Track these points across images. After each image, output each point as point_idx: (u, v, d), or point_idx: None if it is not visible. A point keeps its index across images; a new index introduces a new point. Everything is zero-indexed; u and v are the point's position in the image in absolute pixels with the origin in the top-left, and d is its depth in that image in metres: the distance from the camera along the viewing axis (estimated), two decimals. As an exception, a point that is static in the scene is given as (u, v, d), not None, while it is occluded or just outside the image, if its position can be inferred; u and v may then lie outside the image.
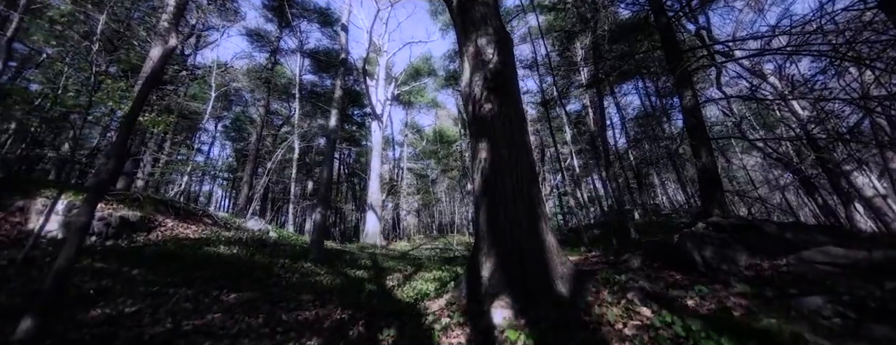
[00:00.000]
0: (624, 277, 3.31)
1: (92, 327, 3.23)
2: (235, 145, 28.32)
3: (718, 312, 2.63)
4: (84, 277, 4.51)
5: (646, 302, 2.74)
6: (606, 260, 4.77)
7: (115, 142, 2.94)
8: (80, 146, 13.64)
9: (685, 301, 2.86)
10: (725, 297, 2.92)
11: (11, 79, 10.47)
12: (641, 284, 3.01)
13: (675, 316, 2.46)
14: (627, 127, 20.05)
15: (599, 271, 3.65)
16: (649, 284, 3.11)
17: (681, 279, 3.57)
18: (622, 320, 2.58)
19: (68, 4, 6.45)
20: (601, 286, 3.14)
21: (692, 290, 3.16)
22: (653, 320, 2.50)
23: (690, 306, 2.77)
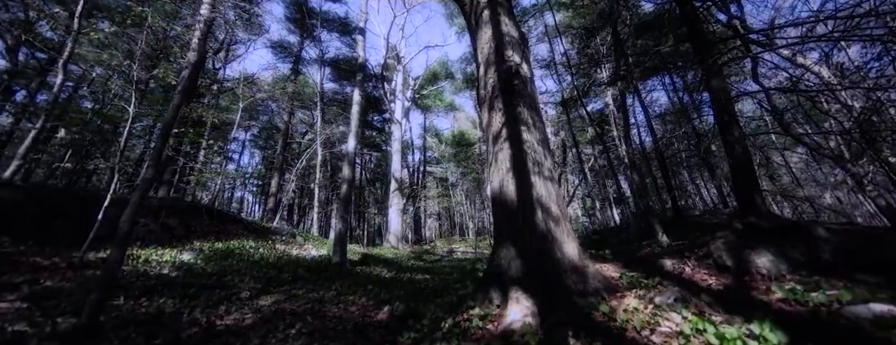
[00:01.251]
0: (652, 280, 3.17)
1: (137, 325, 3.46)
2: (263, 153, 29.65)
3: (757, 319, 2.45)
4: (131, 278, 4.86)
5: (675, 307, 2.60)
6: (633, 263, 4.58)
7: (152, 152, 3.17)
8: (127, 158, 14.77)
9: (719, 307, 2.69)
10: (765, 303, 2.72)
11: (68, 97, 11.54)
12: (671, 288, 2.86)
13: (707, 323, 2.31)
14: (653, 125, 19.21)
15: (625, 274, 3.51)
16: (679, 288, 2.95)
17: (714, 284, 3.37)
18: (649, 326, 2.46)
19: (112, 27, 7.09)
20: (627, 290, 3.02)
21: (727, 295, 2.96)
22: (682, 326, 2.37)
23: (724, 312, 2.60)
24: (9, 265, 4.71)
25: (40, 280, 4.50)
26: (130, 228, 2.90)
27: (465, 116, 32.00)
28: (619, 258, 5.81)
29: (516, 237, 3.16)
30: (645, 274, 3.46)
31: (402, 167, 20.80)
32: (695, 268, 3.75)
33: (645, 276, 3.35)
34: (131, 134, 8.98)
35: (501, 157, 3.60)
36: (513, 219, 3.27)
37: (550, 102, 21.63)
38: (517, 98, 3.79)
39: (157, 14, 8.15)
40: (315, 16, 19.26)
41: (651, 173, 18.97)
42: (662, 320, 2.49)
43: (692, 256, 4.32)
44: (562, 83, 17.45)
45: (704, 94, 15.03)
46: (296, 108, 20.49)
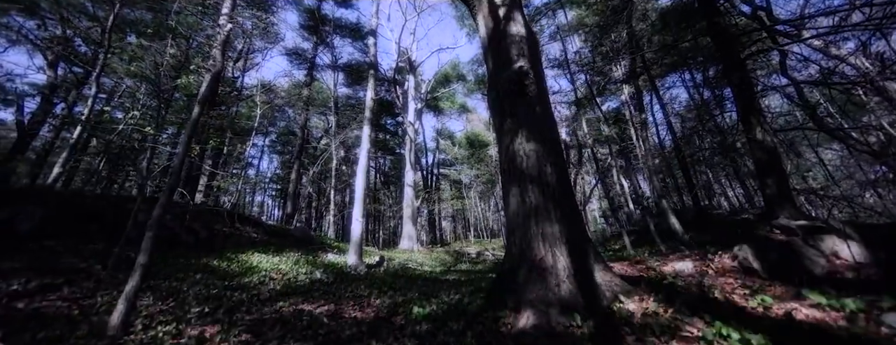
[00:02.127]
0: (672, 283, 3.06)
1: (164, 325, 3.63)
2: (281, 158, 30.49)
3: (785, 325, 2.33)
4: (159, 280, 5.09)
5: (697, 312, 2.50)
6: (652, 265, 4.44)
7: (176, 159, 3.33)
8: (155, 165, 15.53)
9: (744, 312, 2.57)
10: (794, 308, 2.57)
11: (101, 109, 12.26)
12: (692, 291, 2.76)
13: (731, 329, 2.22)
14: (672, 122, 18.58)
15: (644, 277, 3.41)
16: (701, 291, 2.84)
17: (739, 287, 3.22)
18: (669, 331, 2.38)
19: (139, 40, 7.53)
20: (645, 293, 2.93)
21: (753, 299, 2.83)
22: (705, 332, 2.28)
23: (751, 318, 2.48)
24: (51, 267, 5.02)
25: (78, 281, 4.78)
26: (156, 232, 3.05)
27: (477, 118, 31.95)
28: (637, 260, 5.64)
29: (527, 240, 3.12)
30: (664, 277, 3.34)
31: (416, 170, 20.94)
32: (718, 270, 3.60)
33: (665, 278, 3.24)
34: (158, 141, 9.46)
35: (512, 159, 3.57)
36: (524, 221, 3.23)
37: (564, 101, 21.31)
38: (527, 99, 3.76)
39: (179, 26, 8.59)
40: (328, 22, 19.74)
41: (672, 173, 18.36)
42: (683, 324, 2.40)
43: (715, 257, 4.15)
44: (575, 82, 17.16)
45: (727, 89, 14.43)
46: (311, 113, 21.01)
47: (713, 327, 2.27)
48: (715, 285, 3.22)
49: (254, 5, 13.24)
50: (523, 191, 3.33)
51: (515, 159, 3.57)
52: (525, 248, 3.08)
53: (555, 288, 2.72)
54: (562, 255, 2.86)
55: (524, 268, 2.99)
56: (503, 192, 3.75)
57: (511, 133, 3.68)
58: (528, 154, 3.45)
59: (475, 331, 2.75)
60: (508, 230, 3.50)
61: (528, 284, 2.86)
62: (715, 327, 2.27)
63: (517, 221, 3.27)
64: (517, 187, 3.42)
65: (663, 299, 2.71)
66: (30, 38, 11.67)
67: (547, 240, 2.98)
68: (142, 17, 10.87)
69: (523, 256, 3.06)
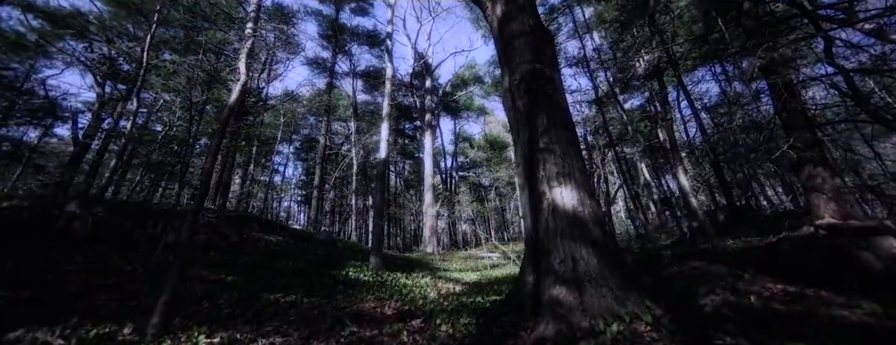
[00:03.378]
0: (703, 288, 2.90)
1: (198, 325, 3.84)
2: (305, 165, 31.57)
3: (833, 335, 2.15)
4: (193, 282, 5.39)
5: (728, 316, 2.35)
6: (682, 269, 4.22)
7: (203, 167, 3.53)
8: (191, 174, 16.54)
9: (784, 320, 2.39)
10: (844, 317, 2.37)
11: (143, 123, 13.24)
12: (724, 296, 2.60)
13: (770, 338, 2.07)
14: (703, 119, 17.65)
15: (673, 280, 3.25)
16: (735, 297, 2.67)
17: (779, 292, 3.00)
18: (703, 340, 2.25)
19: (173, 56, 8.13)
20: (674, 299, 2.79)
21: (795, 305, 2.63)
22: (740, 341, 2.14)
23: (792, 326, 2.30)
24: (101, 269, 5.44)
25: (125, 282, 5.16)
26: (190, 238, 3.24)
27: (495, 120, 31.77)
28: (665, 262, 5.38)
29: (546, 244, 3.06)
30: (695, 280, 3.17)
31: (435, 173, 21.07)
32: (755, 276, 3.37)
33: (695, 282, 3.08)
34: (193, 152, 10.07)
35: (527, 161, 3.53)
36: (542, 225, 3.18)
37: (584, 100, 20.78)
38: (542, 99, 3.70)
39: (209, 42, 9.18)
40: (346, 31, 20.34)
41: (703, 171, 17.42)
42: (714, 331, 2.26)
43: (753, 262, 3.89)
44: (595, 80, 16.69)
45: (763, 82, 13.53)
46: (332, 120, 21.67)
47: (748, 335, 2.13)
48: (751, 289, 3.01)
49: (276, 18, 13.91)
50: (539, 193, 3.27)
51: (533, 161, 3.52)
52: (545, 250, 3.02)
53: (577, 292, 2.65)
54: (584, 257, 2.78)
55: (545, 270, 2.93)
56: (520, 194, 3.71)
57: (527, 134, 3.63)
58: (545, 155, 3.40)
59: (494, 335, 2.72)
60: (527, 232, 3.45)
61: (549, 287, 2.80)
62: (750, 335, 2.12)
63: (536, 224, 3.22)
64: (532, 190, 3.37)
65: (693, 304, 2.57)
66: (81, 60, 12.81)
67: (568, 242, 2.91)
68: (176, 35, 11.68)
69: (543, 258, 3.00)
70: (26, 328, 3.52)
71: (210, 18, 9.82)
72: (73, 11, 13.11)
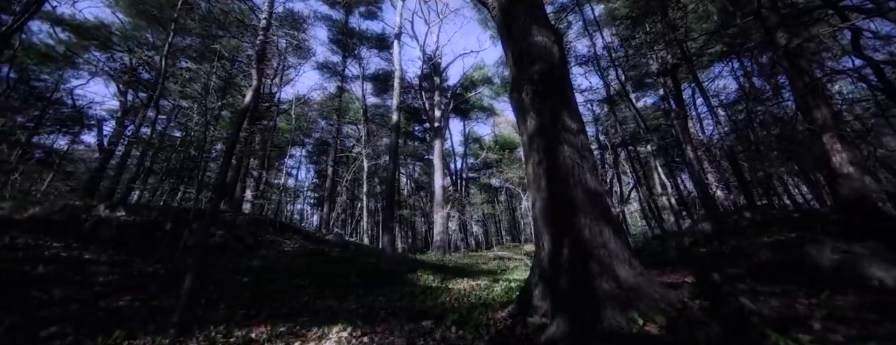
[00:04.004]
0: (718, 290, 2.80)
1: (216, 325, 3.95)
2: (317, 168, 32.07)
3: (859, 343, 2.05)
4: (210, 283, 5.54)
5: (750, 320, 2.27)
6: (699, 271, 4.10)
7: (219, 171, 3.63)
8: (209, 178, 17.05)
9: (806, 323, 2.30)
10: (873, 321, 2.26)
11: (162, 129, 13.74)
12: (743, 300, 2.52)
13: (791, 342, 1.99)
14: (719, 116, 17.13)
15: (687, 283, 3.16)
16: (754, 301, 2.58)
17: (802, 296, 2.88)
18: (719, 342, 2.18)
19: (189, 63, 8.46)
20: (689, 301, 2.71)
21: (820, 309, 2.52)
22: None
23: (816, 331, 2.21)
24: (124, 270, 5.66)
25: (146, 283, 5.35)
26: (205, 241, 3.34)
27: (505, 121, 31.62)
28: (681, 266, 5.25)
29: (556, 246, 3.02)
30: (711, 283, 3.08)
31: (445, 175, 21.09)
32: (777, 277, 3.25)
33: (712, 285, 2.99)
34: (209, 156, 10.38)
35: (536, 162, 3.50)
36: (552, 224, 3.14)
37: (594, 99, 20.47)
38: (551, 99, 3.67)
39: (224, 49, 9.49)
40: (355, 35, 20.63)
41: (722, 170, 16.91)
42: (732, 337, 2.19)
43: (774, 263, 3.75)
44: (607, 78, 16.43)
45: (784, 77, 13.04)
46: (342, 123, 21.98)
47: (769, 341, 2.05)
48: (772, 292, 2.90)
49: (288, 24, 14.25)
50: (551, 193, 3.24)
51: (542, 160, 3.50)
52: (554, 251, 2.99)
53: (586, 295, 2.60)
54: (593, 258, 2.74)
55: (554, 271, 2.90)
56: (531, 194, 3.68)
57: (536, 134, 3.61)
58: (554, 154, 3.36)
59: (505, 336, 2.71)
60: (536, 233, 3.42)
61: (559, 288, 2.77)
62: (771, 341, 2.04)
63: (545, 225, 3.19)
64: (545, 189, 3.34)
65: (708, 308, 2.50)
66: (105, 70, 13.41)
67: (574, 244, 2.87)
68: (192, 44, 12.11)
69: (552, 259, 2.97)
70: (58, 326, 3.69)
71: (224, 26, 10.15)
72: (98, 23, 13.74)
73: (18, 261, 5.15)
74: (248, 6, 9.00)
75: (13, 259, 5.19)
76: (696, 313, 2.46)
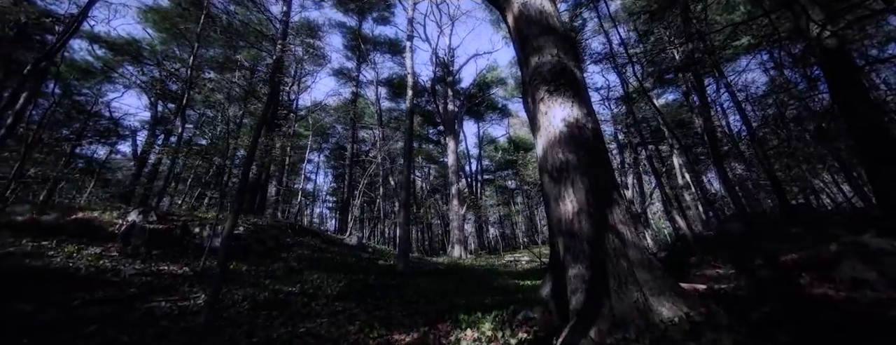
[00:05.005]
0: (746, 295, 2.67)
1: (239, 326, 4.10)
2: (335, 172, 32.79)
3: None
4: (233, 285, 5.76)
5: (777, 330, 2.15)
6: (724, 275, 3.91)
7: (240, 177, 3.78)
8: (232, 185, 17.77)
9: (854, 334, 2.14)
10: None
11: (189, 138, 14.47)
12: (770, 306, 2.38)
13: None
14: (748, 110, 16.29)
15: (711, 286, 3.02)
16: (785, 307, 2.43)
17: (844, 302, 2.69)
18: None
19: (213, 73, 8.92)
20: (713, 304, 2.59)
21: (869, 318, 2.35)
22: None
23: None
24: (156, 273, 5.97)
25: (176, 286, 5.62)
26: (227, 245, 3.48)
27: (520, 122, 31.32)
28: (708, 267, 5.01)
29: (572, 248, 2.96)
30: (738, 287, 2.93)
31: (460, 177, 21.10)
32: (813, 283, 3.06)
33: (738, 289, 2.84)
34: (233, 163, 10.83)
35: (551, 161, 3.45)
36: (566, 226, 3.08)
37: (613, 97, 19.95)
38: (564, 98, 3.61)
39: (244, 60, 9.93)
40: (368, 41, 21.04)
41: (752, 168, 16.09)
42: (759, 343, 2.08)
43: (809, 267, 3.53)
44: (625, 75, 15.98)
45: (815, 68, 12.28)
46: (358, 128, 22.41)
47: None
48: (802, 298, 2.73)
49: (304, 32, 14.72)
50: (565, 194, 3.18)
51: (555, 162, 3.44)
52: (568, 255, 2.93)
53: (604, 298, 2.54)
54: (610, 262, 2.66)
55: (568, 275, 2.84)
56: (544, 196, 3.63)
57: (548, 135, 3.56)
58: (567, 156, 3.31)
59: (520, 340, 2.67)
60: (550, 235, 3.37)
61: (573, 292, 2.71)
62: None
63: (559, 226, 3.13)
64: (558, 191, 3.28)
65: (736, 312, 2.37)
66: (138, 83, 14.27)
67: (592, 246, 2.80)
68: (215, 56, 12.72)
69: (566, 262, 2.91)
70: (98, 325, 3.94)
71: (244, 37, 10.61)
72: (130, 39, 14.66)
73: (63, 263, 5.53)
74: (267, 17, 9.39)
75: (60, 262, 5.58)
76: (722, 318, 2.35)
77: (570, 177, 3.25)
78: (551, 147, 3.54)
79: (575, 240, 3.00)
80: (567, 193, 3.20)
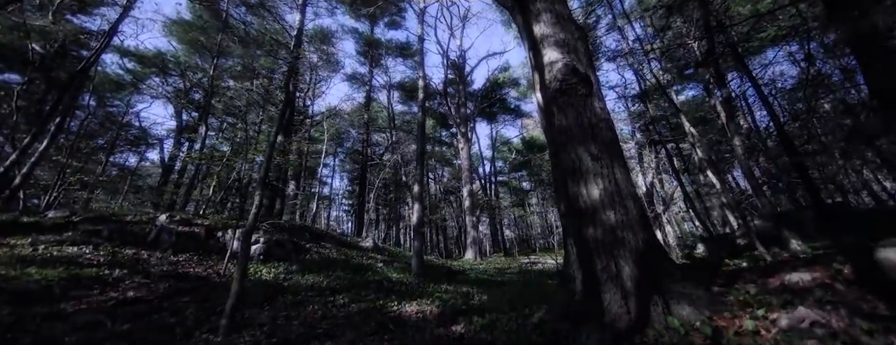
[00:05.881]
0: (777, 298, 2.54)
1: (259, 326, 4.23)
2: (350, 176, 33.33)
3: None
4: (254, 287, 5.94)
5: (812, 333, 2.04)
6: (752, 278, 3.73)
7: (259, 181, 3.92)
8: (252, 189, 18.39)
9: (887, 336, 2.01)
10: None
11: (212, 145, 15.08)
12: (804, 308, 2.26)
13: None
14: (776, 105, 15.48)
15: (735, 288, 2.89)
16: (821, 312, 2.30)
17: (883, 308, 2.52)
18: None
19: (232, 82, 9.32)
20: (739, 309, 2.48)
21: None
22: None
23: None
24: (183, 275, 6.24)
25: (201, 288, 5.85)
26: (247, 248, 3.60)
27: (533, 122, 30.97)
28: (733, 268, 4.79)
29: (587, 248, 2.91)
30: (768, 290, 2.79)
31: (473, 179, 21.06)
32: (846, 285, 2.87)
33: (766, 292, 2.71)
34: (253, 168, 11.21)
35: (564, 163, 3.40)
36: (580, 228, 3.03)
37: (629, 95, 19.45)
38: (576, 98, 3.56)
39: (261, 68, 10.30)
40: (380, 46, 21.37)
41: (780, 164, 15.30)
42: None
43: (843, 268, 3.32)
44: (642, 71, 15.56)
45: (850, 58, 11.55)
46: (372, 131, 22.75)
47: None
48: (843, 302, 2.56)
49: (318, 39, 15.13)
50: (578, 196, 3.13)
51: (568, 163, 3.40)
52: (583, 256, 2.88)
53: (621, 299, 2.47)
54: (625, 265, 2.60)
55: (581, 279, 2.79)
56: (557, 197, 3.58)
57: (561, 136, 3.51)
58: (580, 157, 3.25)
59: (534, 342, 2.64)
60: (564, 234, 3.32)
61: (586, 297, 2.65)
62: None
63: (572, 228, 3.08)
64: (571, 192, 3.23)
65: (762, 317, 2.26)
66: (164, 93, 15.02)
67: (605, 249, 2.74)
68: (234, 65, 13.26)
69: (580, 265, 2.86)
70: (131, 324, 4.15)
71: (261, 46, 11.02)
72: (157, 52, 15.46)
73: (99, 265, 5.86)
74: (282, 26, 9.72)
75: (96, 264, 5.92)
76: (748, 322, 2.25)
77: (583, 178, 3.20)
78: (564, 147, 3.49)
79: (587, 241, 2.94)
80: (581, 195, 3.15)
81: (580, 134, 3.42)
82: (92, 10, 12.65)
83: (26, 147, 8.29)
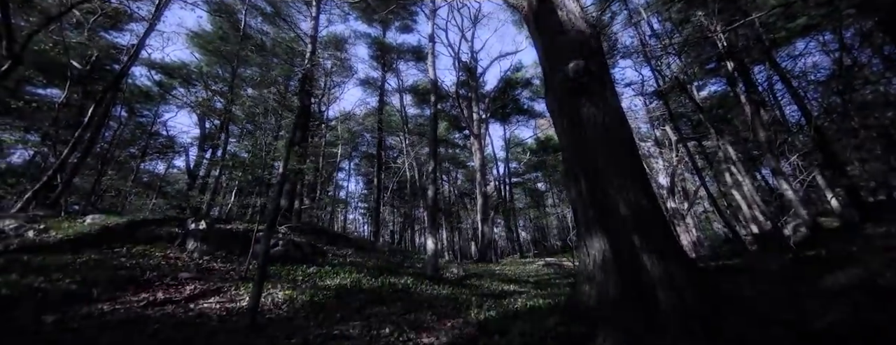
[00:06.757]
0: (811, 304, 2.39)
1: (279, 327, 4.34)
2: (365, 179, 33.83)
3: None
4: (273, 289, 6.10)
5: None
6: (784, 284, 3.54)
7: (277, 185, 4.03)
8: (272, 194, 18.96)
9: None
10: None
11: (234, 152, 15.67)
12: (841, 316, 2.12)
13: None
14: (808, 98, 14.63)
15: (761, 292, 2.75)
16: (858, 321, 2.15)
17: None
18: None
19: (251, 90, 9.70)
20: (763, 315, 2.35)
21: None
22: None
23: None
24: (207, 276, 6.49)
25: (225, 288, 6.07)
26: (266, 251, 3.71)
27: (547, 123, 30.54)
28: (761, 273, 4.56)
29: (601, 252, 2.83)
30: (798, 295, 2.64)
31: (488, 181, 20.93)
32: (891, 288, 2.68)
33: (796, 295, 2.56)
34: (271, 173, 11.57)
35: (577, 163, 3.33)
36: (593, 230, 2.95)
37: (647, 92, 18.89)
38: (588, 98, 3.49)
39: (278, 75, 10.66)
40: (392, 50, 21.65)
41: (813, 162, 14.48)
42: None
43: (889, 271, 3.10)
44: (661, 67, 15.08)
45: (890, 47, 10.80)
46: (385, 135, 23.03)
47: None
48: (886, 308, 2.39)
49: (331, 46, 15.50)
50: (592, 197, 3.06)
51: (582, 163, 3.33)
52: (597, 260, 2.80)
53: (637, 305, 2.39)
54: (641, 267, 2.51)
55: (596, 281, 2.71)
56: (570, 199, 3.51)
57: (573, 136, 3.45)
58: (594, 156, 3.18)
59: None
60: (578, 237, 3.25)
61: (602, 300, 2.58)
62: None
63: (586, 230, 3.01)
64: (585, 193, 3.16)
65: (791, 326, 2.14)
66: (188, 103, 15.75)
67: (622, 251, 2.66)
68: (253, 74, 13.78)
69: (595, 267, 2.78)
70: (159, 324, 4.34)
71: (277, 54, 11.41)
72: (181, 64, 16.24)
73: (132, 267, 6.18)
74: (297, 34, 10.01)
75: (130, 266, 6.25)
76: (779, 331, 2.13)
77: (596, 179, 3.13)
78: (577, 148, 3.43)
79: (601, 245, 2.87)
80: (595, 197, 3.08)
81: (593, 134, 3.35)
82: (122, 26, 13.45)
83: (66, 157, 8.86)
